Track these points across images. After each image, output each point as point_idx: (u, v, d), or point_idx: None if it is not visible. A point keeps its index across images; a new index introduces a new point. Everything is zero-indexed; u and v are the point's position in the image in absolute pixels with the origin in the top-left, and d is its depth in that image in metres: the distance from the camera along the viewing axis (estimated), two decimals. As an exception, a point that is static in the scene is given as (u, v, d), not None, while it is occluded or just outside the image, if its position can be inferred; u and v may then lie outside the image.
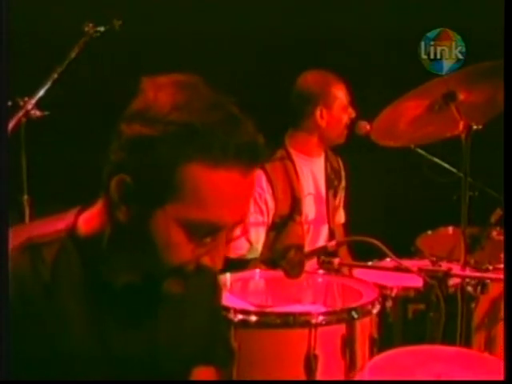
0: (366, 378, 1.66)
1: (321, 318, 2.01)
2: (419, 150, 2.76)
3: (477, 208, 2.61)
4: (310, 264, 2.62)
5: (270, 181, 2.76)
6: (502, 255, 2.56)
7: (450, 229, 3.16)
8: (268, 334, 2.05)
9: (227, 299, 2.18)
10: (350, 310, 2.06)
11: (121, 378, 1.32)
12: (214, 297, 1.56)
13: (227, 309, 2.09)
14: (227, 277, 2.37)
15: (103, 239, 1.26)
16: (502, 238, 2.60)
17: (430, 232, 3.13)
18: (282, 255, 2.02)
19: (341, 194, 3.13)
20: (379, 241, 2.02)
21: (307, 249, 2.67)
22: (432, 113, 2.41)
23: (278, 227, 2.80)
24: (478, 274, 2.29)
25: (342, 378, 2.01)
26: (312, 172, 2.93)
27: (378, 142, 2.59)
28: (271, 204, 2.78)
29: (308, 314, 2.03)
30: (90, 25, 2.41)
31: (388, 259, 2.24)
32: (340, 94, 2.84)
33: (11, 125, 2.33)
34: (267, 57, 3.51)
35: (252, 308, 2.14)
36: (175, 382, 1.50)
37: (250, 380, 1.89)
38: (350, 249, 3.09)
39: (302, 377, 2.00)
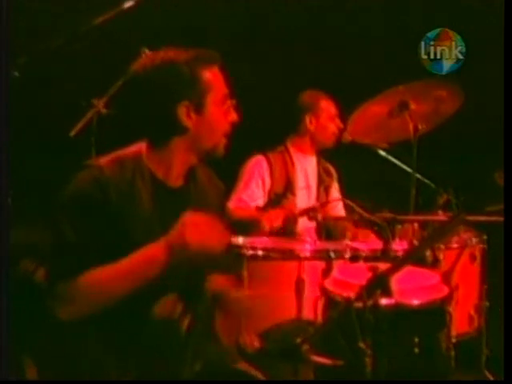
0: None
1: (308, 253, 2.85)
2: (381, 152, 3.42)
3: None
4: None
5: (269, 164, 3.57)
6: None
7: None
8: (271, 264, 2.87)
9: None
10: (328, 251, 2.87)
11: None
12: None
13: (240, 246, 2.92)
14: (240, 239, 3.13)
15: None
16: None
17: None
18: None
19: (335, 193, 3.77)
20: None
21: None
22: (391, 118, 3.13)
23: (273, 202, 3.53)
24: (422, 218, 2.89)
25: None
26: (305, 168, 3.68)
27: (354, 139, 3.34)
28: (268, 181, 3.56)
29: (299, 250, 2.85)
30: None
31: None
32: (327, 106, 3.63)
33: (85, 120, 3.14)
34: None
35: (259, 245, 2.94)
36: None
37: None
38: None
39: (293, 295, 2.79)
